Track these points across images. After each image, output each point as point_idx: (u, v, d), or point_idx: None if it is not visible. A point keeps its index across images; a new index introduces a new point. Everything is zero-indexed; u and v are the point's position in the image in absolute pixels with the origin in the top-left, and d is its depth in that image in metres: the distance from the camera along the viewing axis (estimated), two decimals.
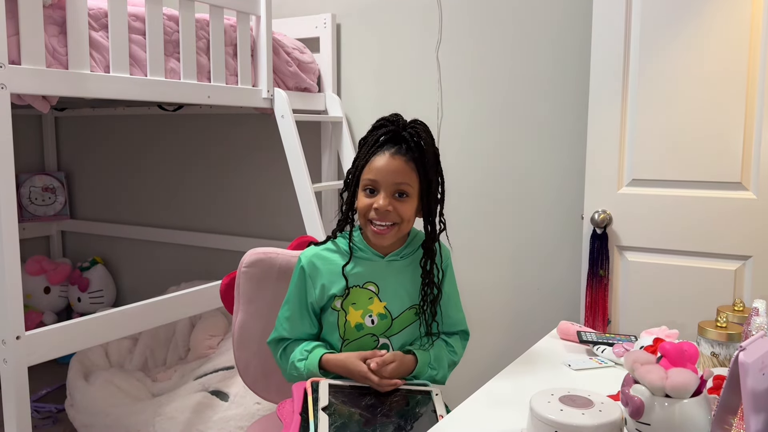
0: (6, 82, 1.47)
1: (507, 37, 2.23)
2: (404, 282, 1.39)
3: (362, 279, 1.37)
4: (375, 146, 1.34)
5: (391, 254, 1.39)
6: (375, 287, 1.38)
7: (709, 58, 1.68)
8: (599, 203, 1.85)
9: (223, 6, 2.06)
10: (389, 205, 1.31)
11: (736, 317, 1.35)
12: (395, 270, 1.40)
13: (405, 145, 1.33)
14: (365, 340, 1.38)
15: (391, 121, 1.36)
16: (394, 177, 1.31)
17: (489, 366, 1.49)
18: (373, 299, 1.37)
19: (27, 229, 3.39)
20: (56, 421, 2.63)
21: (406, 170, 1.32)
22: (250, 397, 2.18)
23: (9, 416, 1.53)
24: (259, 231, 2.92)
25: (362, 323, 1.36)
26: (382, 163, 1.31)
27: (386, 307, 1.38)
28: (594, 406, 0.98)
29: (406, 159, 1.32)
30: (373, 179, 1.32)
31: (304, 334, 1.42)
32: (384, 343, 1.39)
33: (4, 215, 1.48)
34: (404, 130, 1.34)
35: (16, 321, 1.52)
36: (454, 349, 1.44)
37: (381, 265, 1.39)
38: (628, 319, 1.84)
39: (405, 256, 1.41)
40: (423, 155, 1.33)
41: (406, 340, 1.40)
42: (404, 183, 1.32)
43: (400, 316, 1.39)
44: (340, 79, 2.58)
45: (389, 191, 1.32)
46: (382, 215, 1.31)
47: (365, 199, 1.34)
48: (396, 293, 1.39)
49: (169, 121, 3.15)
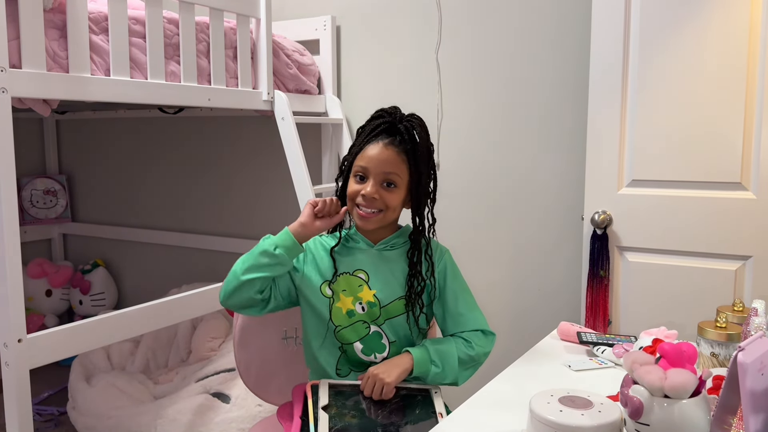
0: (7, 86, 1.47)
1: (506, 38, 2.23)
2: (394, 271, 1.42)
3: (352, 266, 1.41)
4: (370, 135, 1.38)
5: (380, 243, 1.43)
6: (365, 275, 1.41)
7: (708, 58, 1.69)
8: (599, 204, 1.85)
9: (223, 9, 2.07)
10: (376, 192, 1.35)
11: (736, 317, 1.35)
12: (385, 259, 1.43)
13: (399, 137, 1.37)
14: (357, 326, 1.40)
15: (389, 112, 1.41)
16: (384, 166, 1.35)
17: (489, 366, 1.49)
18: (363, 287, 1.41)
19: (28, 232, 3.39)
20: (58, 424, 2.63)
21: (396, 161, 1.36)
22: (251, 399, 2.18)
23: (11, 419, 1.53)
24: (259, 233, 2.89)
25: (353, 310, 1.39)
26: (375, 152, 1.36)
27: (375, 295, 1.40)
28: (593, 407, 0.98)
29: (398, 150, 1.36)
30: (364, 166, 1.37)
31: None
32: (376, 330, 1.40)
33: (6, 218, 1.49)
34: (400, 123, 1.38)
35: (17, 324, 1.52)
36: (471, 344, 1.42)
37: (371, 253, 1.43)
38: (629, 319, 1.84)
39: (395, 246, 1.44)
40: (415, 148, 1.37)
41: (398, 330, 1.41)
42: (393, 173, 1.36)
43: (390, 305, 1.41)
44: (340, 81, 2.59)
45: (378, 179, 1.36)
46: (368, 201, 1.36)
47: (355, 185, 1.38)
48: (386, 282, 1.41)
49: (170, 124, 3.15)
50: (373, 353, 1.40)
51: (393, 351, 1.41)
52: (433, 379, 1.38)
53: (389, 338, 1.41)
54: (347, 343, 1.40)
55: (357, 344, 1.40)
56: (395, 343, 1.41)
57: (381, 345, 1.41)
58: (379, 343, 1.41)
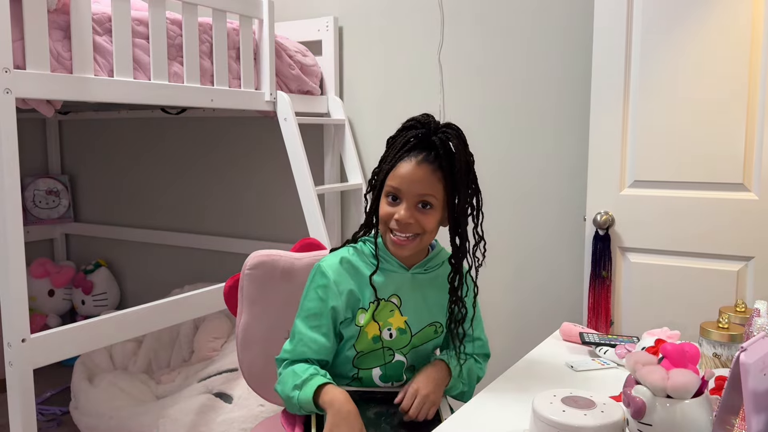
0: (11, 87, 1.48)
1: (509, 39, 2.23)
2: (427, 297, 1.33)
3: (387, 291, 1.29)
4: (403, 150, 1.24)
5: (415, 266, 1.32)
6: (398, 300, 1.30)
7: (710, 58, 1.69)
8: (601, 205, 1.85)
9: (226, 10, 2.07)
10: (411, 217, 1.23)
11: (738, 318, 1.35)
12: (419, 284, 1.32)
13: (434, 152, 1.23)
14: (379, 353, 1.31)
15: (422, 123, 1.26)
16: (418, 188, 1.22)
17: (492, 367, 1.49)
18: (395, 312, 1.30)
19: (31, 232, 3.39)
20: (60, 424, 2.64)
21: (431, 181, 1.23)
22: (253, 399, 2.18)
23: (14, 418, 1.54)
24: (262, 233, 2.92)
25: (379, 336, 1.29)
26: (407, 170, 1.22)
27: (407, 321, 1.31)
28: (596, 407, 0.98)
29: (433, 168, 1.23)
30: (397, 187, 1.24)
31: (321, 348, 1.29)
32: (399, 359, 1.32)
33: (10, 218, 1.49)
34: (434, 135, 1.24)
35: (21, 324, 1.52)
36: (482, 366, 1.40)
37: (406, 277, 1.31)
38: (631, 320, 1.84)
39: (429, 270, 1.34)
40: (452, 163, 1.23)
41: (422, 359, 1.36)
42: (428, 194, 1.23)
43: (420, 332, 1.33)
44: (343, 82, 2.59)
45: (412, 201, 1.23)
46: (402, 227, 1.24)
47: (387, 207, 1.26)
48: (418, 308, 1.32)
49: (173, 125, 3.16)
50: (391, 381, 1.34)
51: (408, 378, 1.33)
52: (453, 394, 1.35)
53: (410, 366, 1.34)
54: (365, 369, 1.32)
55: (376, 370, 1.32)
56: (412, 369, 1.35)
57: (401, 374, 1.34)
58: (400, 372, 1.34)
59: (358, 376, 1.33)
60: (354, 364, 1.32)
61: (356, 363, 1.32)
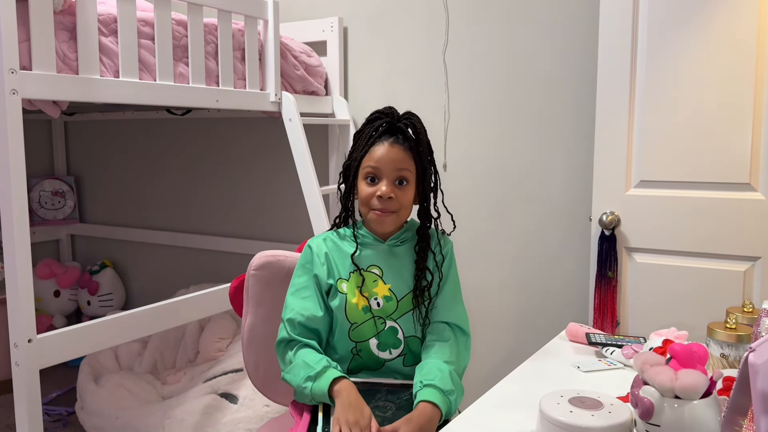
0: (17, 88, 1.48)
1: (514, 39, 2.23)
2: (406, 266, 1.43)
3: (366, 262, 1.42)
4: (374, 137, 1.39)
5: (390, 239, 1.44)
6: (379, 270, 1.42)
7: (716, 59, 1.68)
8: (607, 205, 1.85)
9: (231, 10, 2.08)
10: (392, 191, 1.36)
11: (746, 318, 1.35)
12: (395, 254, 1.44)
13: (401, 135, 1.40)
14: (371, 323, 1.39)
15: (385, 113, 1.42)
16: (395, 164, 1.37)
17: (498, 367, 1.49)
18: (378, 282, 1.41)
19: (37, 233, 3.41)
20: (66, 424, 2.65)
21: (405, 158, 1.38)
22: (259, 399, 2.19)
23: (21, 418, 1.54)
24: (267, 234, 2.93)
25: (368, 306, 1.39)
26: (383, 151, 1.37)
27: (391, 289, 1.40)
28: (603, 408, 0.98)
29: (404, 147, 1.38)
30: (375, 167, 1.37)
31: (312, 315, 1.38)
32: (392, 326, 1.39)
33: (17, 219, 1.50)
34: (399, 121, 1.41)
35: (27, 324, 1.53)
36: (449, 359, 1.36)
37: (383, 248, 1.43)
38: (637, 320, 1.84)
39: (404, 241, 1.45)
40: (418, 144, 1.40)
41: (412, 325, 1.40)
42: (405, 169, 1.37)
43: (405, 298, 1.41)
44: (347, 82, 2.59)
45: (391, 178, 1.37)
46: (385, 203, 1.36)
47: (367, 188, 1.39)
48: (399, 276, 1.42)
49: (178, 125, 3.17)
50: (388, 349, 1.40)
51: (407, 346, 1.40)
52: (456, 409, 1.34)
53: (404, 333, 1.40)
54: (362, 341, 1.39)
55: (372, 340, 1.39)
56: (410, 338, 1.40)
57: (397, 341, 1.40)
58: (395, 339, 1.40)
59: (357, 349, 1.40)
60: (351, 338, 1.39)
61: (352, 336, 1.39)
